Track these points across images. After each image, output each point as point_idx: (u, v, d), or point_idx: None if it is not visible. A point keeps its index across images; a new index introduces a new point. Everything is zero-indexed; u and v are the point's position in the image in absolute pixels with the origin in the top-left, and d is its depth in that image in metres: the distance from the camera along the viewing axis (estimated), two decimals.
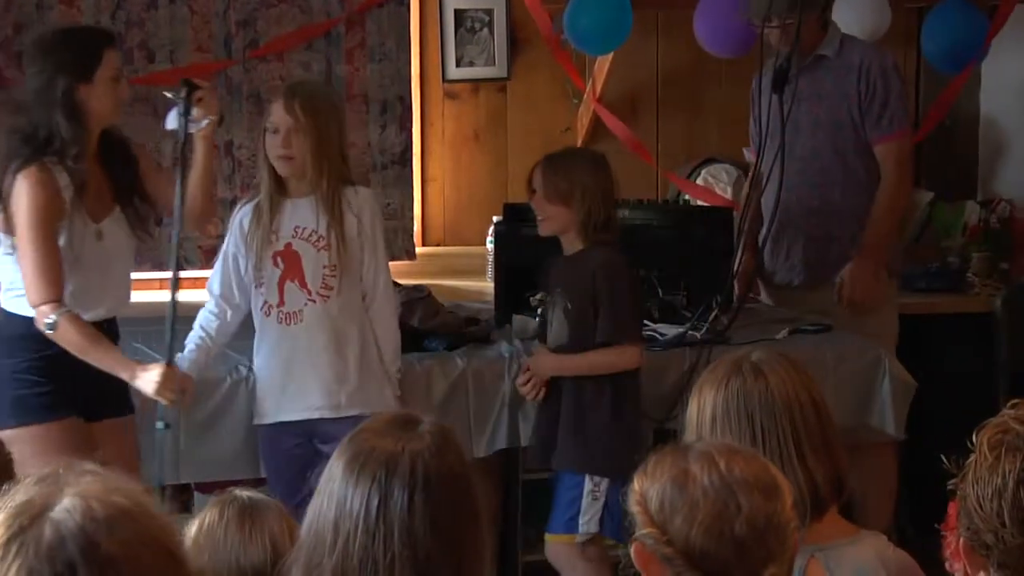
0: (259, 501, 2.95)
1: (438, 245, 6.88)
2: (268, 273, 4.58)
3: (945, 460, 2.46)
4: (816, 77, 5.49)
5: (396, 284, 5.03)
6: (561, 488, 4.70)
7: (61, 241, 4.19)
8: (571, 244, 4.70)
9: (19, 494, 1.77)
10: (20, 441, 4.10)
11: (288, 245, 4.57)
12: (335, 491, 2.27)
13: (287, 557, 2.39)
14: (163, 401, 4.27)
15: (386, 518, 2.22)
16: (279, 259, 4.58)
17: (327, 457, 2.36)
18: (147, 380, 4.21)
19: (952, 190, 6.86)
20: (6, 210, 4.16)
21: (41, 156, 4.14)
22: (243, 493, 2.99)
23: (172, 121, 4.42)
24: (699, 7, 6.23)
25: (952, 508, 2.45)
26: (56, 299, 4.15)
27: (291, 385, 4.59)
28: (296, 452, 4.54)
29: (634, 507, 2.34)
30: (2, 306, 4.31)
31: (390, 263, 4.78)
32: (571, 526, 4.66)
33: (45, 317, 4.14)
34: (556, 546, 4.72)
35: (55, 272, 4.16)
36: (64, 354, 4.19)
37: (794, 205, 5.53)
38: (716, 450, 2.36)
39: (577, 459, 4.65)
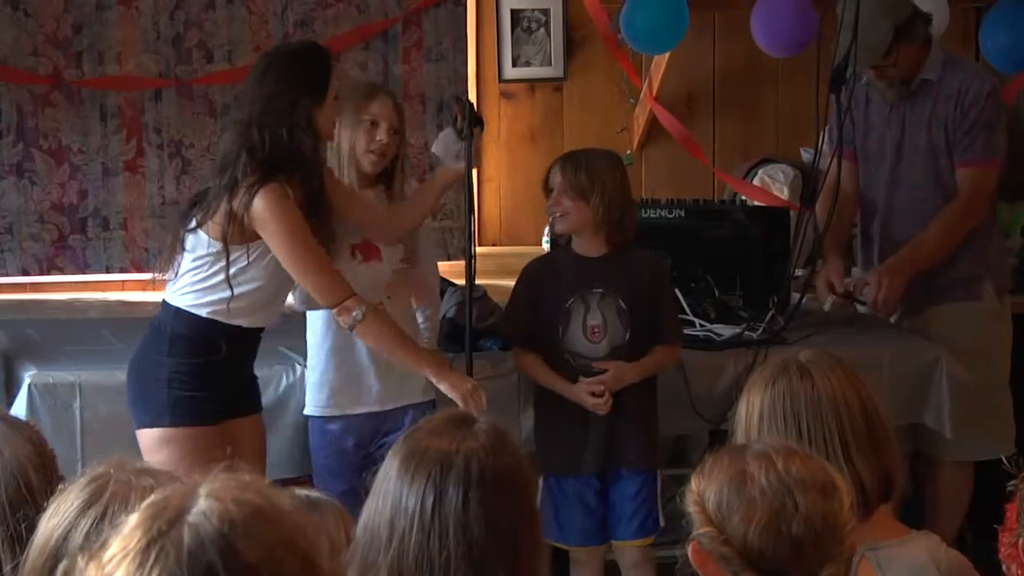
0: (316, 500, 2.97)
1: (494, 245, 6.89)
2: (344, 267, 4.46)
3: (1005, 461, 2.45)
4: (921, 103, 5.35)
5: (451, 284, 5.04)
6: (617, 496, 4.69)
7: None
8: (588, 244, 4.67)
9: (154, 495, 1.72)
10: (175, 441, 4.19)
11: (367, 240, 4.54)
12: (390, 489, 2.28)
13: (343, 556, 2.40)
14: (468, 406, 4.24)
15: (441, 516, 2.23)
16: (357, 252, 4.53)
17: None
18: (456, 388, 4.26)
19: (1012, 190, 6.80)
20: (232, 221, 4.10)
21: (277, 174, 4.11)
22: (300, 491, 3.00)
23: (439, 147, 4.61)
24: (756, 7, 6.20)
25: (1011, 509, 2.44)
26: (352, 294, 4.19)
27: (392, 375, 4.51)
28: (357, 446, 4.55)
29: (691, 507, 2.34)
30: (170, 302, 4.24)
31: (447, 263, 4.79)
32: (647, 528, 4.68)
33: (351, 312, 4.16)
34: (630, 551, 4.74)
35: (336, 272, 4.22)
36: (223, 361, 4.21)
37: (899, 233, 5.40)
38: (774, 450, 2.36)
39: (651, 457, 4.71)
